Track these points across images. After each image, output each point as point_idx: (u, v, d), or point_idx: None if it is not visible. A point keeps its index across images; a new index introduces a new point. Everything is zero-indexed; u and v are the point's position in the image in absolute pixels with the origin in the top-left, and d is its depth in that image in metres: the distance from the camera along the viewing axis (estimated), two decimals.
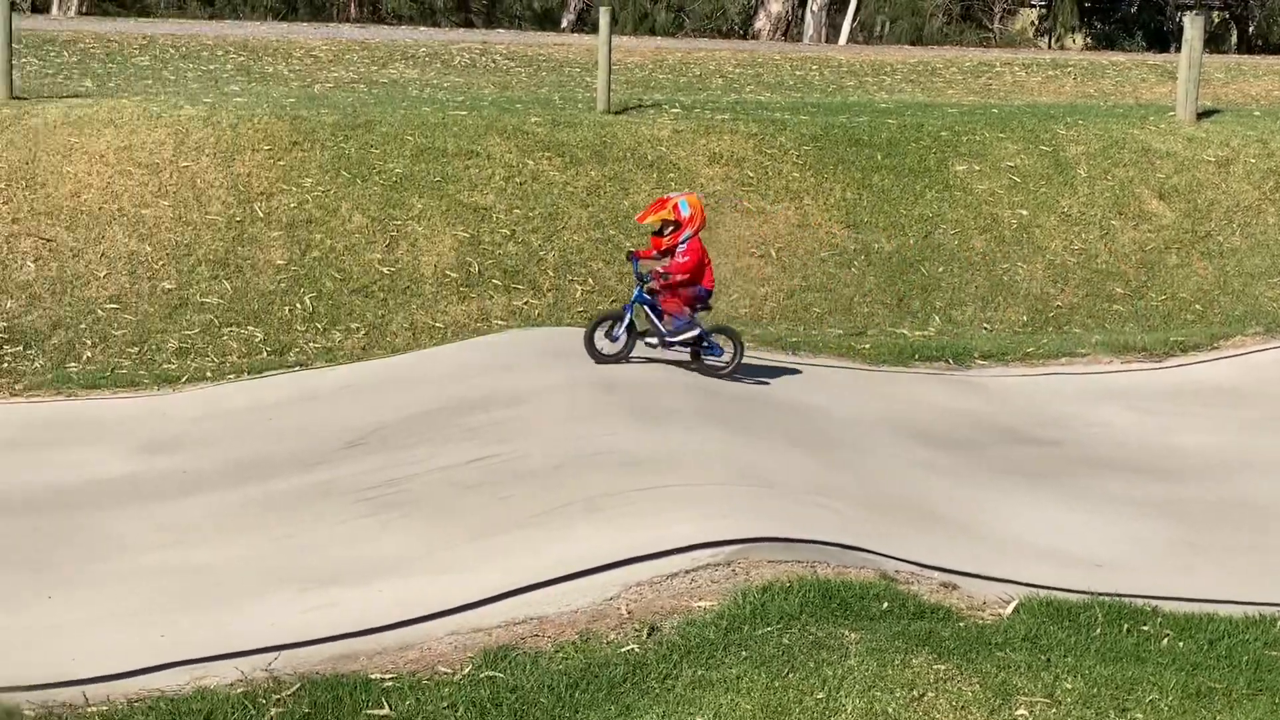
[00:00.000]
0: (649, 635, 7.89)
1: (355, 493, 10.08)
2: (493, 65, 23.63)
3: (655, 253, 12.19)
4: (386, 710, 7.30)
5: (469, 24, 35.74)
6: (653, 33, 35.79)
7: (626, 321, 12.17)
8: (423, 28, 31.24)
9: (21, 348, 13.38)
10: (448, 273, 14.86)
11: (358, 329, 14.17)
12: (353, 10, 36.18)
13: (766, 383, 12.52)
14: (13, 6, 16.48)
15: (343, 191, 15.43)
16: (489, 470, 10.18)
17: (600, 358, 12.10)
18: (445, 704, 7.34)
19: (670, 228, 12.02)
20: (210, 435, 11.62)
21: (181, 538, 9.56)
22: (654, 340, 12.22)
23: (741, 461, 10.23)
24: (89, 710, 7.29)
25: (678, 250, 12.02)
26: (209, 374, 13.14)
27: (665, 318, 12.13)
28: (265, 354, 13.70)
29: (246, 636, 8.03)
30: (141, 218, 14.76)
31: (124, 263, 14.35)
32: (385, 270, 14.76)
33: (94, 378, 13.00)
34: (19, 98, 16.17)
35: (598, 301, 14.80)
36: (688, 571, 8.48)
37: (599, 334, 12.16)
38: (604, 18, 18.12)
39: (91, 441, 11.48)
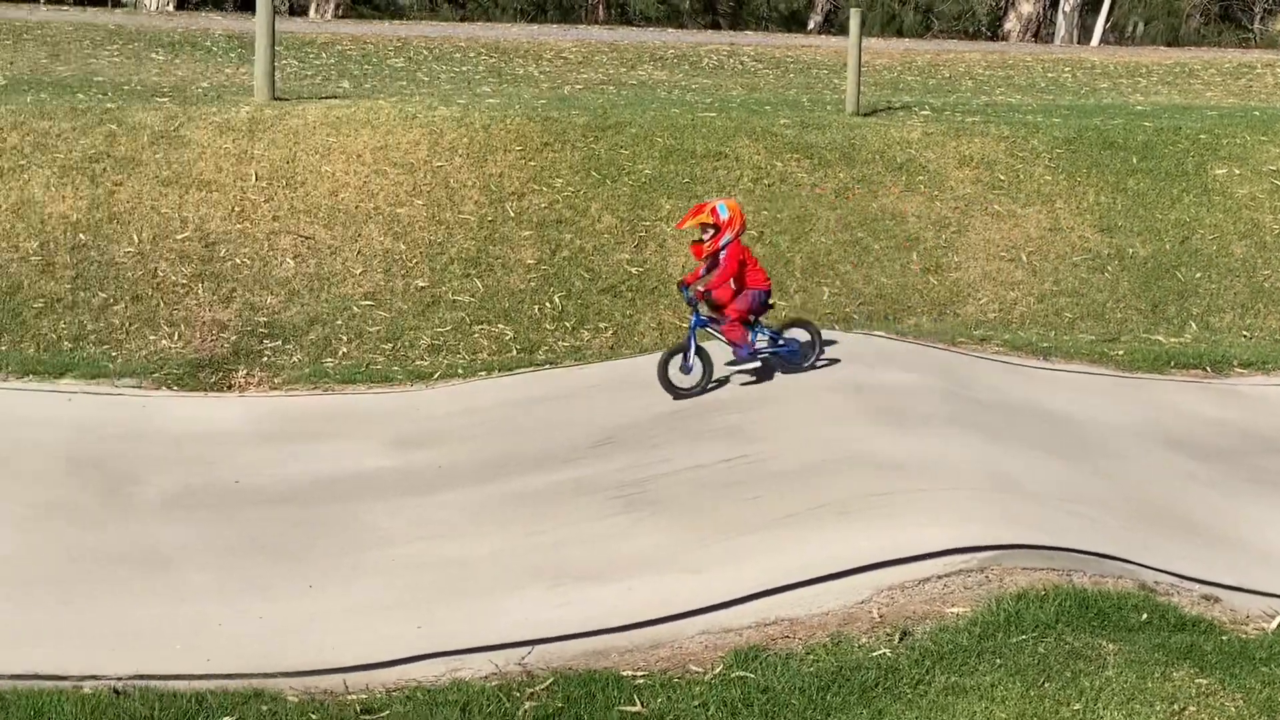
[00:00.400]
0: (901, 640, 7.83)
1: (606, 490, 10.16)
2: (740, 67, 23.65)
3: (703, 269, 11.97)
4: (639, 707, 7.33)
5: (715, 26, 35.82)
6: (900, 34, 35.52)
7: (693, 349, 11.88)
8: (670, 29, 31.38)
9: (280, 342, 13.70)
10: None
11: (606, 328, 14.26)
12: (601, 12, 36.47)
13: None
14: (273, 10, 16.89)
15: (592, 192, 15.56)
16: (738, 470, 10.18)
17: (679, 393, 11.78)
18: (697, 703, 7.36)
19: (710, 232, 11.86)
20: (463, 431, 11.79)
21: (436, 531, 9.72)
22: (735, 358, 11.97)
23: (994, 467, 10.09)
24: (349, 698, 7.45)
25: (720, 256, 11.84)
26: (460, 371, 13.33)
27: (730, 344, 11.87)
28: (515, 352, 13.86)
29: (500, 630, 8.14)
30: (397, 216, 15.03)
31: (379, 260, 14.63)
32: (633, 270, 14.84)
33: (349, 373, 13.26)
34: (280, 99, 16.58)
35: (844, 305, 14.72)
36: (940, 577, 8.40)
37: (672, 369, 11.86)
38: (854, 19, 18.03)
39: (348, 435, 11.72)
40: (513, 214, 15.21)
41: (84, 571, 8.96)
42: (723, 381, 12.05)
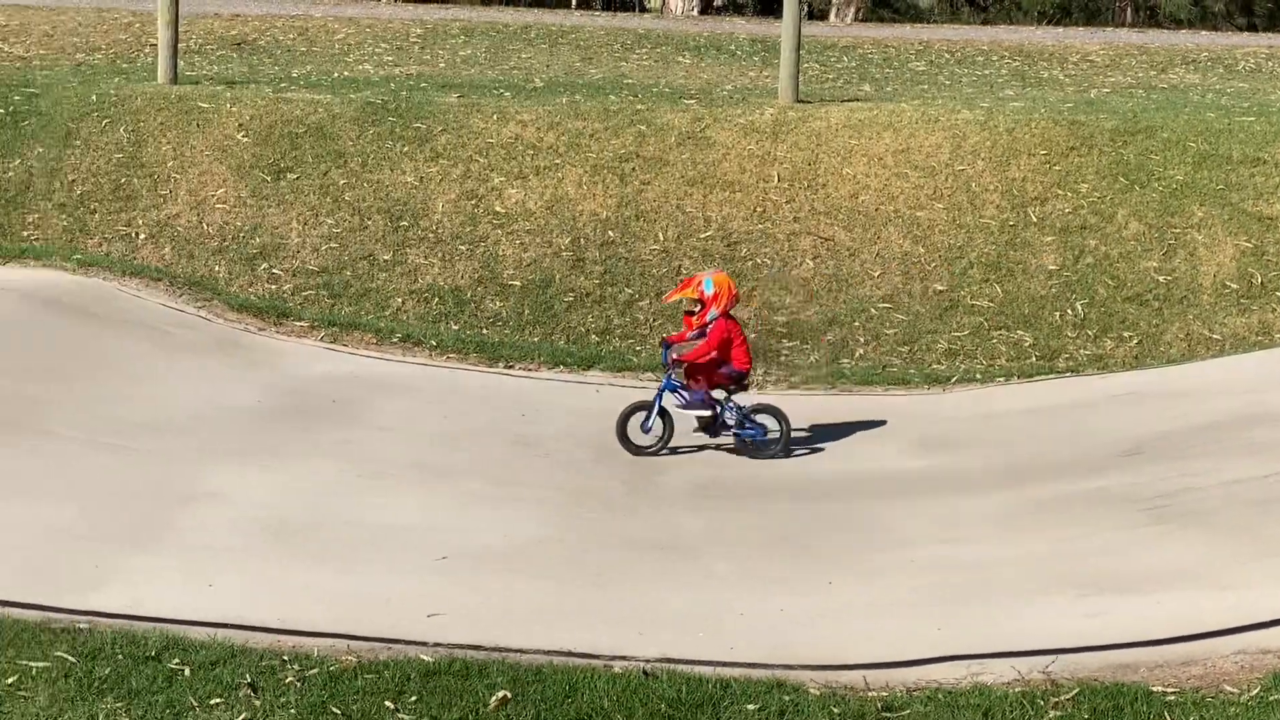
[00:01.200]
0: None
1: (1132, 501, 9.87)
2: None
3: (690, 334, 11.41)
4: None
5: (1251, 28, 34.39)
6: None
7: (656, 409, 11.29)
8: (1202, 32, 30.34)
9: (798, 342, 13.83)
10: (1227, 284, 14.34)
11: (1130, 338, 13.88)
12: (1128, 15, 35.55)
13: None
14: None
15: (1119, 198, 15.15)
16: (1277, 488, 9.74)
17: (636, 449, 11.24)
18: None
19: (699, 306, 11.29)
20: (981, 436, 11.65)
21: (955, 534, 9.62)
22: (701, 429, 11.39)
23: None
24: (869, 695, 7.43)
25: (707, 329, 11.27)
26: (977, 376, 13.18)
27: (688, 392, 11.32)
28: (1034, 359, 13.63)
29: (1022, 636, 7.98)
30: (916, 220, 14.98)
31: (897, 263, 14.61)
32: (1160, 279, 14.39)
33: (866, 374, 13.28)
34: (803, 101, 16.72)
35: None
36: None
37: (631, 425, 11.30)
38: None
39: (866, 436, 11.73)
40: (1034, 219, 14.96)
41: (613, 556, 9.23)
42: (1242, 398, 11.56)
